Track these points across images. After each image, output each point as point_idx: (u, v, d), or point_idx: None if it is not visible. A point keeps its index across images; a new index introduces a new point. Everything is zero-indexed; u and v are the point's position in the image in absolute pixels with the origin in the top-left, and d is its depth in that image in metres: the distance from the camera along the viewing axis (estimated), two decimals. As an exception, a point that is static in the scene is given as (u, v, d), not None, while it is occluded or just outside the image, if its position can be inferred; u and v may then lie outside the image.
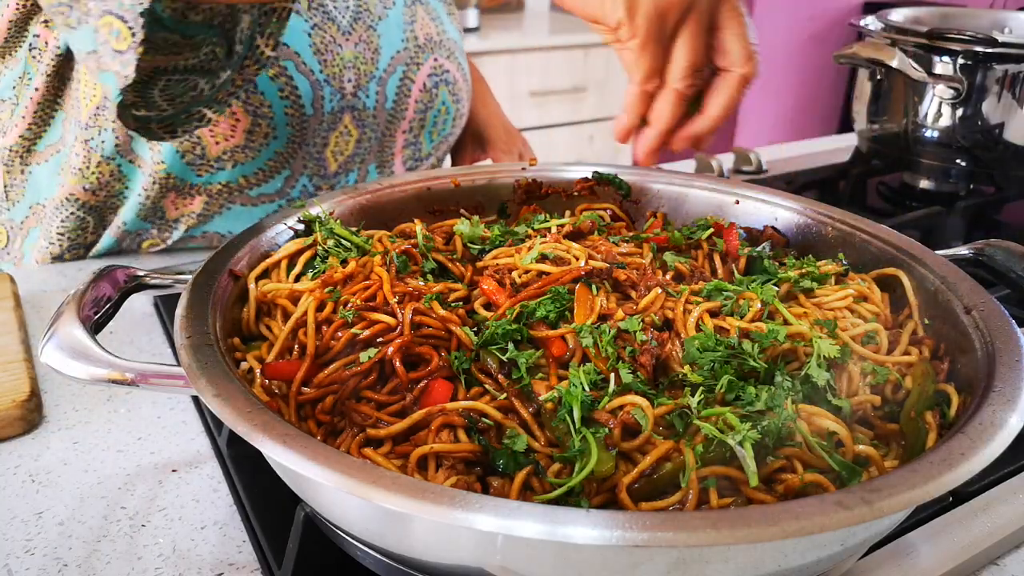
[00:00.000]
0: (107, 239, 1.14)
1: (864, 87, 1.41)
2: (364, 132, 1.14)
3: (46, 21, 1.01)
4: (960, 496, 0.67)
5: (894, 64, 1.23)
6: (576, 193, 0.94)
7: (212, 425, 0.77)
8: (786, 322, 0.64)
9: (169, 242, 1.15)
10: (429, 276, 0.73)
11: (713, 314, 0.66)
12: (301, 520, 0.56)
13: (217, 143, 1.03)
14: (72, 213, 1.10)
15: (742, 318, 0.64)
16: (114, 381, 0.55)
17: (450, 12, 1.30)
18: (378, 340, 0.61)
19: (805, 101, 4.13)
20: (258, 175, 1.09)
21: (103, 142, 1.04)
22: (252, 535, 0.64)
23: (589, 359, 0.61)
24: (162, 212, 1.11)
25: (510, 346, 0.61)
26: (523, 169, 0.94)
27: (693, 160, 1.47)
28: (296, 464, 0.44)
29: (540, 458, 0.54)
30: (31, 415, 0.76)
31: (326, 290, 0.66)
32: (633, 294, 0.67)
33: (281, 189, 1.12)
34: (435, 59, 1.21)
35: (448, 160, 1.46)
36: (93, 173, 1.07)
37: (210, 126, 0.98)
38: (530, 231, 0.81)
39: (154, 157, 1.04)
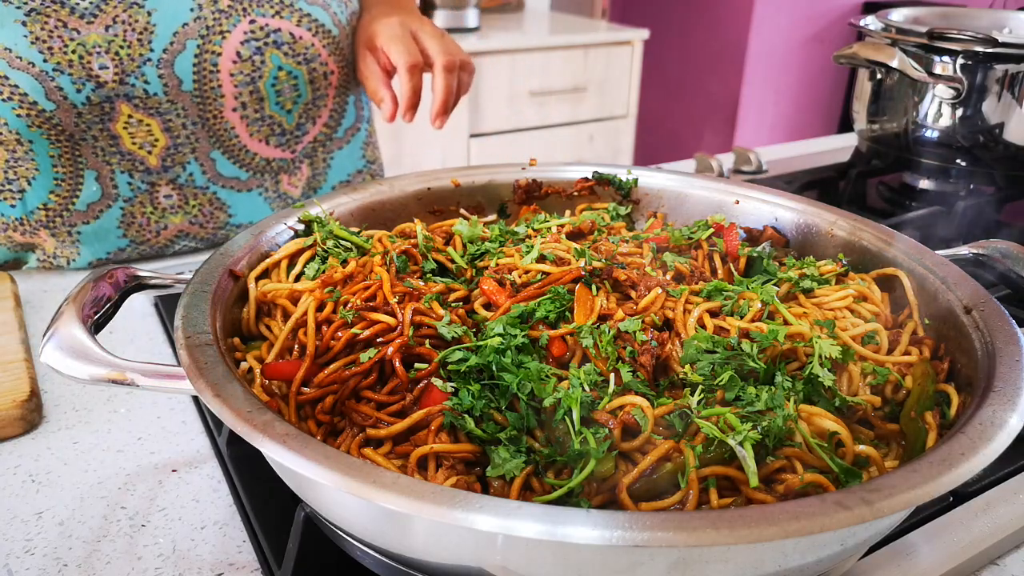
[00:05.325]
0: None
1: (864, 87, 1.41)
2: (168, 120, 1.06)
3: None
4: (960, 496, 0.67)
5: (894, 64, 1.23)
6: (576, 193, 0.94)
7: (212, 425, 0.77)
8: (786, 322, 0.64)
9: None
10: (429, 276, 0.73)
11: (713, 314, 0.66)
12: (301, 520, 0.56)
13: None
14: None
15: (742, 318, 0.64)
16: (114, 381, 0.55)
17: None
18: (378, 340, 0.61)
19: (805, 101, 4.13)
20: (63, 185, 1.05)
21: None
22: (252, 535, 0.64)
23: (589, 359, 0.61)
24: (33, 245, 1.10)
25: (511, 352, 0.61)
26: (523, 169, 0.94)
27: (693, 160, 1.47)
28: (296, 464, 0.44)
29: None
30: (31, 415, 0.76)
31: (326, 290, 0.66)
32: (633, 294, 0.67)
33: (104, 192, 1.07)
34: (251, 21, 1.07)
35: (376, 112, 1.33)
36: None
37: None
38: (530, 231, 0.81)
39: None
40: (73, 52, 0.98)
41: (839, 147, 1.71)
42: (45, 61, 0.97)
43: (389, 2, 1.25)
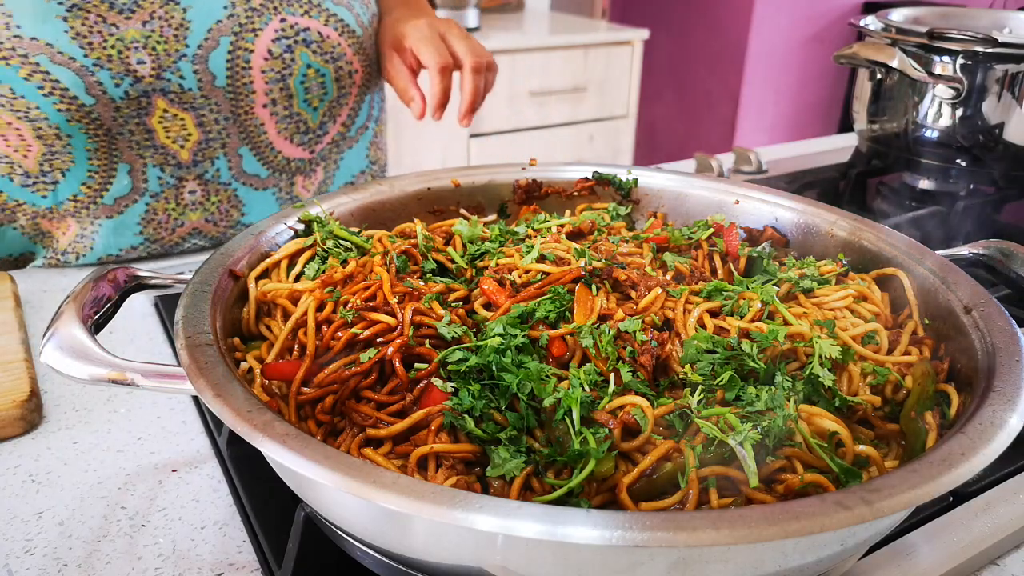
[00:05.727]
0: None
1: (864, 87, 1.41)
2: (202, 115, 1.09)
3: None
4: (960, 496, 0.67)
5: (894, 64, 1.22)
6: (576, 193, 0.94)
7: (212, 425, 0.77)
8: (786, 322, 0.64)
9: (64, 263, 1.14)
10: (429, 276, 0.73)
11: (713, 314, 0.66)
12: (301, 520, 0.56)
13: (24, 156, 1.02)
14: None
15: (742, 318, 0.64)
16: (114, 381, 0.55)
17: None
18: (378, 340, 0.61)
19: (805, 101, 4.13)
20: (95, 178, 1.06)
21: None
22: (252, 535, 0.64)
23: (589, 359, 0.61)
24: (50, 236, 1.11)
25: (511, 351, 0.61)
26: (523, 169, 0.94)
27: (693, 160, 1.47)
28: (296, 464, 0.44)
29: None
30: (31, 415, 0.76)
31: (326, 290, 0.66)
32: (633, 294, 0.67)
33: (134, 186, 1.09)
34: (282, 19, 1.10)
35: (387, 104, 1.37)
36: None
37: (4, 141, 0.99)
38: (530, 231, 0.81)
39: None
40: (112, 47, 1.00)
41: (839, 147, 1.71)
42: (86, 56, 0.99)
43: (408, 4, 1.29)
